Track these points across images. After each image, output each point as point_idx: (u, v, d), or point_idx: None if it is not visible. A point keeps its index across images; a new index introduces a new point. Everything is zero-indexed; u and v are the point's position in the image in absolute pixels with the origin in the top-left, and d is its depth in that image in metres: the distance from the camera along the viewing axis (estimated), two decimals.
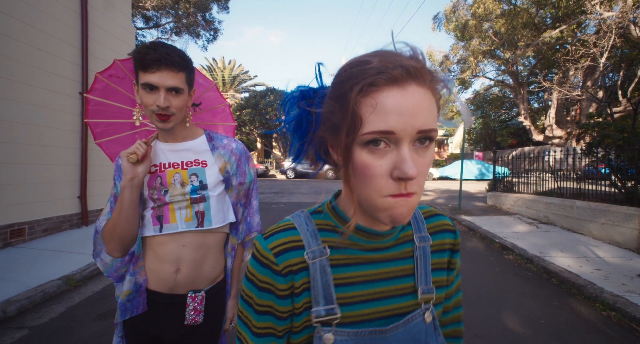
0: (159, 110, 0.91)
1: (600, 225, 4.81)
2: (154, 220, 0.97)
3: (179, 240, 0.97)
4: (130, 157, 0.90)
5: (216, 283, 1.06)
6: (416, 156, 0.42)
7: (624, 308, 2.71)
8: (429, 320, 0.51)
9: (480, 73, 16.73)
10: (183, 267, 0.97)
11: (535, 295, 3.17)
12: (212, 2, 10.00)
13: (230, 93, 26.51)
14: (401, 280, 0.52)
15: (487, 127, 24.90)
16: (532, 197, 6.58)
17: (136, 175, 0.91)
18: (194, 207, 0.99)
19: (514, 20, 12.12)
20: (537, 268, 3.87)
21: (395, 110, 0.39)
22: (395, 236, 0.53)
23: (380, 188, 0.42)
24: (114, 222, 0.91)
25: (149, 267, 0.98)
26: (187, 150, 1.03)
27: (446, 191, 12.59)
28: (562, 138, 14.67)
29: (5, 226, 4.04)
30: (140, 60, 0.88)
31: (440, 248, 0.56)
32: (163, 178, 0.99)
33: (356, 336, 0.47)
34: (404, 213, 0.42)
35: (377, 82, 0.39)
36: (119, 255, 0.96)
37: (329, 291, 0.48)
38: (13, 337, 2.32)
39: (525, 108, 15.86)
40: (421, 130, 0.40)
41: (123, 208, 0.90)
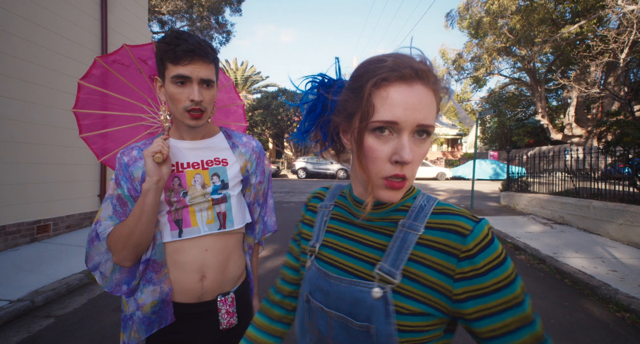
0: (193, 105, 0.84)
1: (618, 226, 4.66)
2: (172, 224, 0.89)
3: (200, 245, 0.90)
4: (156, 156, 0.81)
5: (241, 282, 1.03)
6: (414, 145, 0.49)
7: (639, 310, 2.65)
8: (377, 296, 0.50)
9: (495, 71, 16.37)
10: (209, 273, 0.91)
11: (547, 295, 3.13)
12: (225, 6, 10.22)
13: (242, 94, 26.90)
14: (372, 250, 0.56)
15: (502, 125, 24.30)
16: (547, 197, 6.43)
17: (162, 176, 0.83)
18: (215, 208, 0.93)
19: (530, 16, 11.80)
20: (550, 268, 3.81)
21: (401, 103, 0.46)
22: (384, 214, 0.57)
23: (379, 170, 0.49)
24: (130, 228, 0.81)
25: (171, 278, 0.90)
26: (207, 148, 0.97)
27: (459, 191, 12.40)
28: (583, 137, 14.17)
29: (32, 223, 4.29)
30: (170, 52, 0.81)
31: (435, 246, 0.50)
32: (182, 179, 0.92)
33: (317, 270, 0.61)
34: (392, 195, 0.51)
35: (389, 78, 0.47)
36: (130, 264, 0.86)
37: (320, 231, 0.65)
38: (41, 325, 2.49)
39: (542, 106, 15.41)
40: (421, 124, 0.48)
41: (145, 213, 0.81)
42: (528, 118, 23.81)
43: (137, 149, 0.92)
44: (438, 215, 0.53)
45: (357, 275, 0.55)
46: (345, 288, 0.54)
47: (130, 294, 0.92)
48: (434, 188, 13.71)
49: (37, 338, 2.31)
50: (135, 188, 0.88)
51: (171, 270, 0.89)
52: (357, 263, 0.56)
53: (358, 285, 0.53)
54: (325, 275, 0.58)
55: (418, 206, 0.55)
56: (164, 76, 0.86)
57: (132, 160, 0.90)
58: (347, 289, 0.54)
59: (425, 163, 19.94)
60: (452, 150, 32.77)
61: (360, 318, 0.52)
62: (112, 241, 0.84)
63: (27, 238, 4.24)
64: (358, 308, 0.52)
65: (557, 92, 19.73)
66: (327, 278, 0.58)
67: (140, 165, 0.89)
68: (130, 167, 0.89)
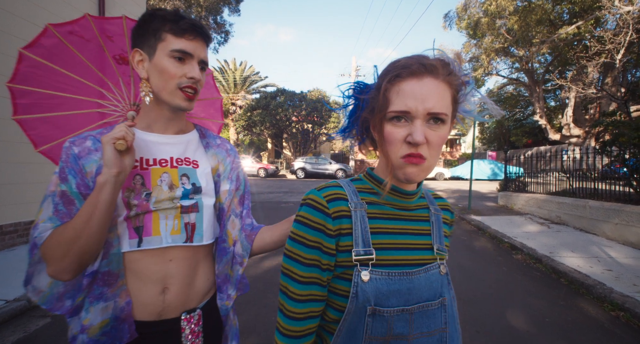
0: (189, 82, 0.75)
1: (614, 226, 4.69)
2: (131, 231, 0.75)
3: (163, 255, 0.78)
4: (118, 143, 0.67)
5: (210, 297, 0.89)
6: (428, 130, 0.55)
7: (633, 308, 2.67)
8: (444, 272, 0.63)
9: (494, 72, 16.41)
10: (172, 285, 0.78)
11: (542, 294, 3.15)
12: (224, 6, 10.23)
13: (241, 94, 26.90)
14: (422, 237, 0.64)
15: (501, 126, 24.36)
16: (544, 197, 6.46)
17: (124, 168, 0.69)
18: (184, 218, 0.80)
19: (527, 16, 11.84)
20: (546, 267, 3.83)
21: (411, 95, 0.54)
22: (416, 201, 0.67)
23: (397, 150, 0.57)
24: (77, 231, 0.66)
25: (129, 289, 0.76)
26: (178, 145, 0.84)
27: (457, 191, 12.44)
28: (580, 137, 14.22)
29: (29, 222, 4.29)
30: (173, 24, 0.74)
31: (447, 221, 0.71)
32: (146, 177, 0.78)
33: (388, 276, 0.57)
34: (414, 172, 0.57)
35: (401, 74, 0.55)
36: (70, 277, 0.70)
37: (366, 236, 0.59)
38: (37, 324, 2.48)
39: (540, 106, 15.47)
40: (431, 112, 0.54)
41: (98, 211, 0.67)
42: (526, 119, 23.89)
43: (91, 139, 0.76)
44: (436, 198, 0.73)
45: (424, 263, 0.61)
46: (424, 277, 0.60)
47: (73, 313, 0.76)
48: (432, 188, 13.73)
49: (33, 337, 2.31)
50: (87, 185, 0.73)
51: (129, 281, 0.75)
52: (420, 253, 0.62)
53: (430, 269, 0.61)
54: (404, 275, 0.58)
55: (426, 193, 0.71)
56: (153, 48, 0.75)
57: (85, 151, 0.74)
58: (424, 278, 0.60)
59: None
60: (450, 150, 32.83)
61: (436, 296, 0.60)
62: (49, 247, 0.68)
63: (24, 238, 4.24)
64: (433, 289, 0.60)
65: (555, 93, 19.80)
66: (408, 277, 0.58)
67: (96, 157, 0.74)
68: (82, 159, 0.74)
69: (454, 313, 0.64)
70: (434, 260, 0.63)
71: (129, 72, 1.07)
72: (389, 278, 0.57)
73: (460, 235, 5.55)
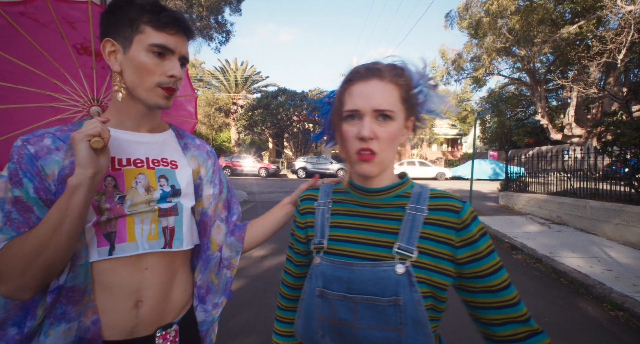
0: (170, 81, 0.70)
1: (614, 226, 4.69)
2: (101, 238, 0.68)
3: (137, 263, 0.71)
4: (94, 140, 0.61)
5: (187, 310, 0.82)
6: (377, 126, 0.62)
7: (632, 308, 2.67)
8: (401, 272, 0.60)
9: (495, 71, 16.37)
10: (147, 298, 0.71)
11: (542, 294, 3.15)
12: (225, 5, 10.25)
13: (242, 94, 26.94)
14: (385, 235, 0.65)
15: (502, 125, 24.30)
16: (545, 197, 6.46)
17: (100, 169, 0.63)
18: (162, 221, 0.74)
19: (529, 16, 11.81)
20: (546, 267, 3.83)
21: (359, 95, 0.62)
22: (388, 199, 0.68)
23: (352, 146, 0.64)
24: (42, 242, 0.59)
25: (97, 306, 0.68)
26: (154, 144, 0.78)
27: (458, 191, 12.43)
28: (582, 137, 14.17)
29: None
30: (153, 15, 0.68)
31: (438, 222, 0.63)
32: (119, 179, 0.71)
33: (333, 263, 0.65)
34: (367, 168, 0.63)
35: (352, 78, 0.64)
36: (31, 296, 0.62)
37: (324, 228, 0.70)
38: None
39: (542, 106, 15.42)
40: (377, 109, 0.61)
41: (69, 219, 0.59)
42: (528, 118, 23.82)
43: (50, 136, 0.68)
44: (434, 198, 0.66)
45: (376, 258, 0.63)
46: (369, 271, 0.61)
47: (25, 341, 0.65)
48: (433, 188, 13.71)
49: None
50: (47, 188, 0.65)
51: (97, 296, 0.67)
52: (373, 249, 0.64)
53: (381, 266, 0.61)
54: (345, 265, 0.63)
55: (417, 192, 0.68)
56: (129, 40, 0.68)
57: (44, 150, 0.66)
58: (370, 273, 0.61)
59: (425, 163, 19.97)
60: (452, 150, 32.78)
61: (387, 294, 0.59)
62: (5, 263, 0.59)
63: None
64: (383, 286, 0.60)
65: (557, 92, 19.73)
66: (348, 267, 0.63)
67: (57, 158, 0.66)
68: (40, 159, 0.65)
69: (418, 317, 0.59)
70: (391, 258, 0.62)
71: (91, 64, 0.97)
72: (333, 265, 0.64)
73: None
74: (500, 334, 0.62)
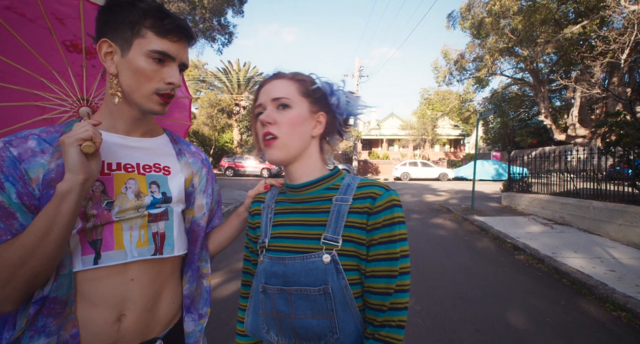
0: (168, 88, 0.69)
1: (617, 226, 4.67)
2: (85, 247, 0.64)
3: (124, 273, 0.67)
4: (85, 144, 0.59)
5: (175, 323, 0.79)
6: (277, 113, 0.70)
7: (635, 309, 2.67)
8: (327, 261, 0.63)
9: (498, 71, 16.33)
10: (130, 311, 0.67)
11: (544, 294, 3.15)
12: (227, 7, 10.32)
13: (245, 95, 27.03)
14: (315, 228, 0.68)
15: (505, 126, 24.20)
16: (548, 198, 6.43)
17: (91, 174, 0.60)
18: (152, 227, 0.71)
19: (532, 16, 11.77)
20: (548, 268, 3.82)
21: (262, 92, 0.73)
22: (316, 192, 0.73)
23: (259, 137, 0.73)
24: (27, 251, 0.56)
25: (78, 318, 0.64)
26: (146, 150, 0.76)
27: (460, 191, 12.39)
28: (586, 137, 14.08)
29: None
30: (156, 20, 0.66)
31: (359, 210, 0.66)
32: (107, 184, 0.68)
33: (270, 259, 0.70)
34: (272, 153, 0.70)
35: (261, 84, 0.76)
36: (13, 308, 0.59)
37: (267, 228, 0.75)
38: None
39: (546, 106, 15.35)
40: (273, 98, 0.70)
41: (57, 226, 0.57)
42: (531, 119, 23.70)
43: (34, 138, 0.65)
44: (361, 187, 0.69)
45: (307, 251, 0.66)
46: (299, 263, 0.65)
47: None
48: (435, 189, 13.69)
49: None
50: (31, 193, 0.61)
51: (78, 307, 0.63)
52: (305, 242, 0.67)
53: (309, 258, 0.65)
54: (279, 259, 0.68)
55: (346, 184, 0.71)
56: (129, 43, 0.66)
57: (27, 153, 0.63)
58: (301, 265, 0.65)
59: (427, 163, 19.92)
60: (454, 150, 32.67)
61: (317, 283, 0.63)
62: None
63: None
64: (313, 276, 0.63)
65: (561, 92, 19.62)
66: (282, 261, 0.67)
67: (43, 161, 0.63)
68: (24, 162, 0.62)
69: (345, 301, 0.63)
70: (319, 249, 0.65)
71: (81, 62, 0.93)
72: (271, 262, 0.69)
73: (462, 235, 5.55)
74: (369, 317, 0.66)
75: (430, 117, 24.48)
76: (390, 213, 0.64)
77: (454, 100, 20.42)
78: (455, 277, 3.60)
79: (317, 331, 0.63)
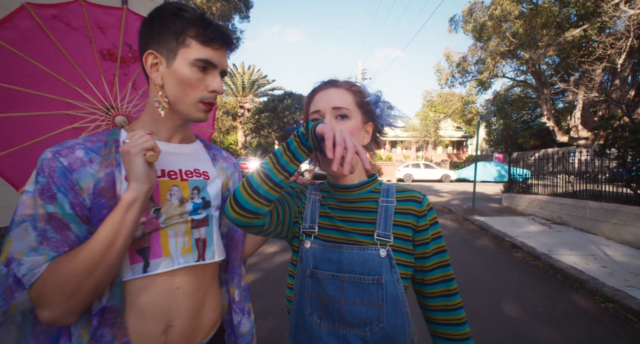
0: (212, 96, 0.71)
1: (612, 225, 4.84)
2: (133, 255, 0.65)
3: (170, 281, 0.68)
4: (149, 154, 0.62)
5: (216, 330, 0.80)
6: (336, 123, 0.73)
7: (622, 301, 2.86)
8: (384, 255, 0.70)
9: (500, 74, 16.48)
10: (177, 321, 0.68)
11: (538, 288, 3.35)
12: (235, 13, 10.65)
13: (249, 97, 27.37)
14: (364, 224, 0.74)
15: (508, 128, 24.29)
16: (547, 198, 6.61)
17: (153, 183, 0.63)
18: (194, 233, 0.72)
19: (532, 20, 11.95)
20: (544, 265, 4.01)
21: (320, 99, 0.75)
22: (362, 194, 0.77)
23: None
24: (94, 261, 0.56)
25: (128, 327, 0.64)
26: (186, 155, 0.78)
27: (462, 193, 12.54)
28: (589, 139, 14.16)
29: None
30: (200, 29, 0.67)
31: (405, 211, 0.74)
32: (154, 191, 0.69)
33: (323, 247, 0.74)
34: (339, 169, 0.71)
35: (315, 90, 0.79)
36: (74, 320, 0.59)
37: (314, 215, 0.78)
38: None
39: (548, 108, 15.46)
40: (334, 106, 0.73)
41: (122, 235, 0.59)
42: (534, 121, 23.77)
43: (81, 148, 0.65)
44: (400, 192, 0.78)
45: (360, 244, 0.72)
46: (357, 254, 0.70)
47: None
48: (437, 190, 13.85)
49: None
50: (82, 204, 0.61)
51: (128, 317, 0.64)
52: (356, 236, 0.73)
53: (367, 250, 0.70)
54: (336, 248, 0.72)
55: (386, 188, 0.79)
56: (174, 53, 0.67)
57: (77, 163, 0.63)
58: (358, 255, 0.70)
59: (430, 165, 20.05)
60: (457, 152, 32.74)
61: (372, 273, 0.69)
62: (51, 286, 0.55)
63: None
64: (369, 266, 0.69)
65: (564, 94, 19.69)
66: (338, 250, 0.71)
67: (92, 170, 0.64)
68: (74, 173, 0.62)
69: (396, 294, 0.68)
70: (374, 244, 0.71)
71: (114, 70, 0.94)
72: (324, 248, 0.73)
73: (463, 234, 5.74)
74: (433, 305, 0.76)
75: (433, 119, 24.63)
76: (433, 214, 0.77)
77: (456, 102, 20.58)
78: (454, 272, 3.80)
79: (364, 318, 0.67)
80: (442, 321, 0.75)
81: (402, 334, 0.68)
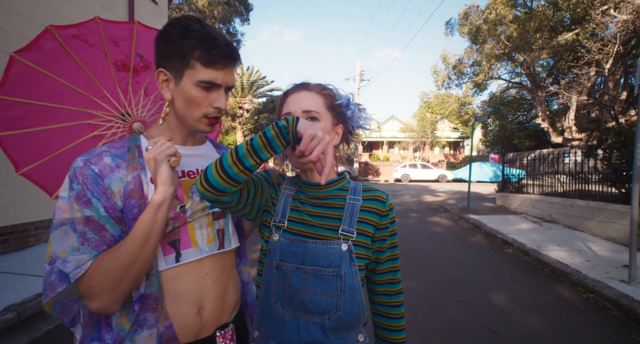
0: (215, 112, 0.76)
1: (598, 223, 5.10)
2: (166, 247, 0.73)
3: (199, 269, 0.77)
4: (173, 159, 0.69)
5: (238, 309, 0.90)
6: None
7: (601, 291, 3.11)
8: (345, 249, 0.74)
9: (495, 76, 16.78)
10: (208, 303, 0.78)
11: (526, 281, 3.59)
12: (235, 16, 10.83)
13: (248, 98, 27.54)
14: (331, 220, 0.78)
15: (504, 129, 24.64)
16: (538, 197, 6.87)
17: (177, 185, 0.71)
18: (215, 224, 0.82)
19: (526, 24, 12.24)
20: (533, 259, 4.26)
21: (291, 102, 0.78)
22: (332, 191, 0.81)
23: None
24: (133, 256, 0.64)
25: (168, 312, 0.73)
26: (200, 156, 0.86)
27: (458, 192, 12.81)
28: (583, 140, 14.48)
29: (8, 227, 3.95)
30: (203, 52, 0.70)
31: (369, 209, 0.79)
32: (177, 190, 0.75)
33: (289, 240, 0.76)
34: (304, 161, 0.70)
35: (287, 93, 0.82)
36: (118, 308, 0.68)
37: (285, 210, 0.80)
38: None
39: (543, 110, 15.76)
40: (304, 110, 0.76)
41: (154, 233, 0.66)
42: (529, 122, 24.13)
43: (108, 155, 0.72)
44: (366, 191, 0.83)
45: (324, 238, 0.76)
46: (320, 248, 0.74)
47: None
48: (434, 190, 14.11)
49: None
50: (114, 206, 0.69)
51: (167, 302, 0.72)
52: (322, 231, 0.76)
53: (330, 244, 0.75)
54: (301, 242, 0.75)
55: (353, 186, 0.83)
56: (180, 73, 0.72)
57: (107, 169, 0.70)
58: (321, 249, 0.74)
59: (427, 165, 20.34)
60: (454, 152, 33.09)
61: (333, 266, 0.73)
62: (97, 279, 0.63)
63: None
64: (330, 260, 0.73)
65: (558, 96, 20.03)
66: (303, 243, 0.75)
67: (120, 175, 0.71)
68: (106, 178, 0.69)
69: (354, 285, 0.73)
70: (338, 238, 0.75)
71: (127, 79, 1.02)
72: (290, 242, 0.76)
73: (457, 232, 5.98)
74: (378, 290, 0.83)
75: (430, 120, 24.94)
76: (393, 213, 0.83)
77: (453, 103, 20.88)
78: (447, 266, 4.04)
79: (323, 306, 0.72)
80: (383, 303, 0.85)
81: (357, 320, 0.76)
